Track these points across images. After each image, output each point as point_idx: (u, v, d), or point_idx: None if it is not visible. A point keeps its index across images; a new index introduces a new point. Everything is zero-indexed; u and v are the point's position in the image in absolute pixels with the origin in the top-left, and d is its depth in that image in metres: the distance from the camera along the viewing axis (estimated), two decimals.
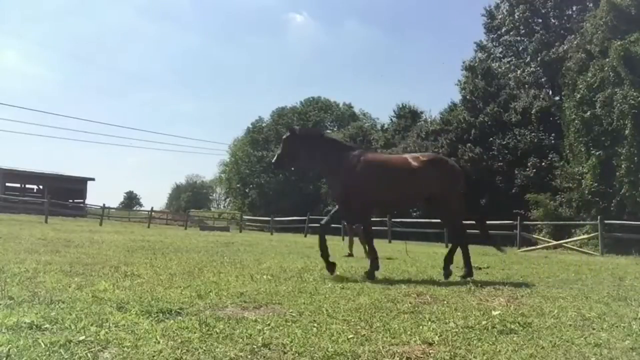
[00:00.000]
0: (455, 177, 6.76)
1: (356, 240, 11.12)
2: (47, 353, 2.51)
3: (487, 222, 7.47)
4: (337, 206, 6.93)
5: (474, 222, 8.07)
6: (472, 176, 7.27)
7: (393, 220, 23.23)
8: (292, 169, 7.04)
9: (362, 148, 7.18)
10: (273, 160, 7.34)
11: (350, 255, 10.66)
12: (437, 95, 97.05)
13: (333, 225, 7.52)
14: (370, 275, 6.18)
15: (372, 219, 7.36)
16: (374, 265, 6.41)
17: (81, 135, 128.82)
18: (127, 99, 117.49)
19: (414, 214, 28.45)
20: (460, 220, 6.99)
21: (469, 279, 6.33)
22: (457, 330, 3.36)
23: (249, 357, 2.64)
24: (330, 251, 6.63)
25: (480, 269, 8.00)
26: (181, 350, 2.66)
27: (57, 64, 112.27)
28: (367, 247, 10.70)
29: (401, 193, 6.73)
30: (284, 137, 7.17)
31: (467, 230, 7.22)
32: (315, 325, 3.34)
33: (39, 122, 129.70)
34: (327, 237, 6.68)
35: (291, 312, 3.76)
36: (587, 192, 21.04)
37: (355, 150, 6.89)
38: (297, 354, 2.71)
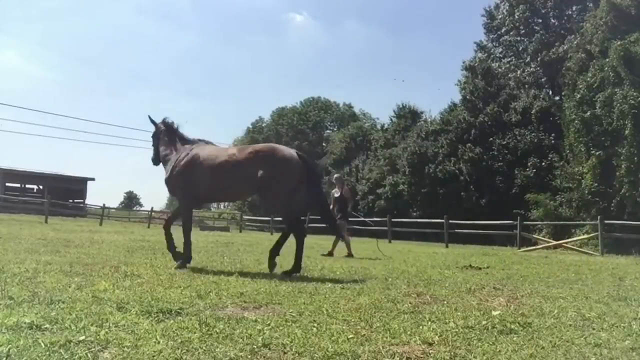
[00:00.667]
0: (282, 167, 6.32)
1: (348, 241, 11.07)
2: (47, 353, 2.51)
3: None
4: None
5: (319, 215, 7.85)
6: (312, 167, 6.91)
7: (393, 220, 23.22)
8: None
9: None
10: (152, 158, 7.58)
11: (350, 255, 10.64)
12: (437, 95, 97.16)
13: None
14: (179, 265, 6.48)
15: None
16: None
17: (81, 135, 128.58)
18: (127, 99, 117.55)
19: (414, 214, 28.46)
20: (288, 211, 6.64)
21: (294, 274, 6.19)
22: (457, 330, 3.35)
23: (249, 357, 2.64)
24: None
25: (480, 269, 7.99)
26: (181, 350, 2.66)
27: (57, 63, 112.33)
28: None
29: (222, 184, 6.61)
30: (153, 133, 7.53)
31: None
32: (315, 325, 3.34)
33: (39, 122, 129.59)
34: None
35: (291, 312, 3.76)
36: (587, 192, 21.04)
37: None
38: (297, 354, 2.71)
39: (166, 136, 7.31)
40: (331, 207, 11.52)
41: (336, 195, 11.68)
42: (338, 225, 11.00)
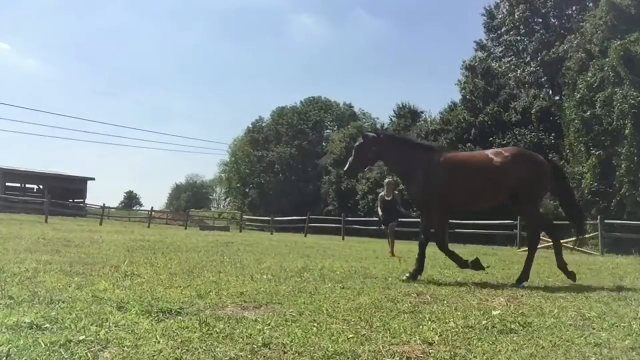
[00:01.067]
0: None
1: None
2: (47, 353, 2.51)
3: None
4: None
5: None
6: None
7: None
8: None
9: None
10: (345, 169, 7.13)
11: (393, 255, 10.77)
12: (437, 95, 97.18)
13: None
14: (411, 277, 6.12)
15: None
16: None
17: (81, 134, 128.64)
18: (127, 99, 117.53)
19: (414, 213, 28.44)
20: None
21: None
22: (457, 329, 3.35)
23: (249, 356, 2.64)
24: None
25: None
26: (181, 350, 2.66)
27: (57, 63, 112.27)
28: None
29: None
30: (356, 144, 6.95)
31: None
32: (315, 324, 3.34)
33: (39, 121, 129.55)
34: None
35: (291, 311, 3.76)
36: (587, 191, 21.04)
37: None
38: (297, 354, 2.71)
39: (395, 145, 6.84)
40: (380, 209, 11.79)
41: (387, 198, 11.85)
42: (390, 226, 11.66)
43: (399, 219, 12.48)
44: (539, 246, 7.04)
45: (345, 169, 7.14)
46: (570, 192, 7.59)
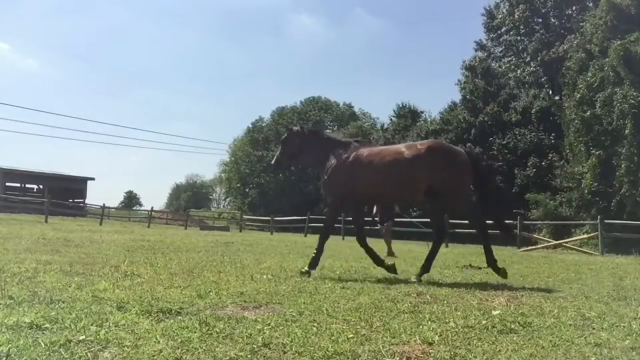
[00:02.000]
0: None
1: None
2: (47, 353, 2.51)
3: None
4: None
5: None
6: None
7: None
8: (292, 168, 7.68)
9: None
10: (272, 162, 7.39)
11: (391, 255, 10.89)
12: (436, 95, 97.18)
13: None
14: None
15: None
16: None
17: (81, 134, 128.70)
18: (127, 99, 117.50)
19: (414, 213, 28.44)
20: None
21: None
22: (457, 329, 3.35)
23: (249, 356, 2.64)
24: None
25: (480, 268, 7.99)
26: (181, 350, 2.66)
27: (57, 63, 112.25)
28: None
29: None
30: (283, 137, 7.25)
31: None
32: (315, 324, 3.34)
33: (39, 121, 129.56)
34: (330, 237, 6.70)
35: (291, 311, 3.76)
36: (586, 191, 21.03)
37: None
38: (297, 354, 2.71)
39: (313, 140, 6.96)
40: (375, 209, 11.80)
41: None
42: (386, 225, 11.99)
43: (395, 219, 12.53)
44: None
45: (272, 161, 7.41)
46: (493, 189, 7.31)
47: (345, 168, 6.37)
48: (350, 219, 8.26)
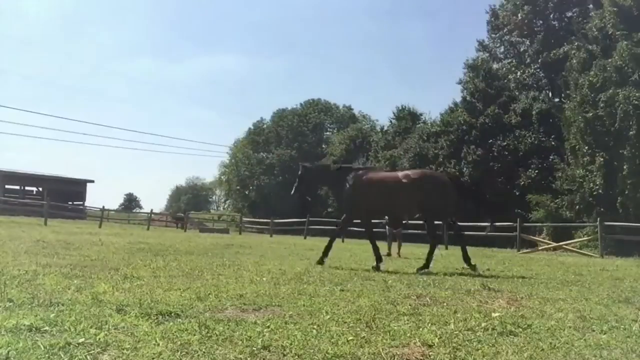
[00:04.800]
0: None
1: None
2: (47, 355, 2.50)
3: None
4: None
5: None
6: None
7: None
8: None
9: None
10: (292, 192, 9.15)
11: (389, 254, 11.67)
12: (436, 95, 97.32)
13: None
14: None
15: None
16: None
17: (81, 137, 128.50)
18: (127, 102, 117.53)
19: (415, 215, 28.35)
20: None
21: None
22: (457, 332, 3.35)
23: (249, 359, 2.64)
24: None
25: (477, 269, 7.99)
26: (181, 353, 2.65)
27: (57, 65, 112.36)
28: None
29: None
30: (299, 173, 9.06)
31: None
32: (315, 327, 3.34)
33: (38, 124, 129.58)
34: (328, 239, 7.58)
35: (291, 314, 3.76)
36: (588, 194, 21.01)
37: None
38: (296, 356, 2.71)
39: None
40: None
41: None
42: (397, 231, 13.30)
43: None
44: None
45: (292, 192, 9.21)
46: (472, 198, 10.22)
47: (354, 190, 8.16)
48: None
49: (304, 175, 8.98)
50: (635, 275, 8.01)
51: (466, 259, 7.91)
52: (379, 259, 8.05)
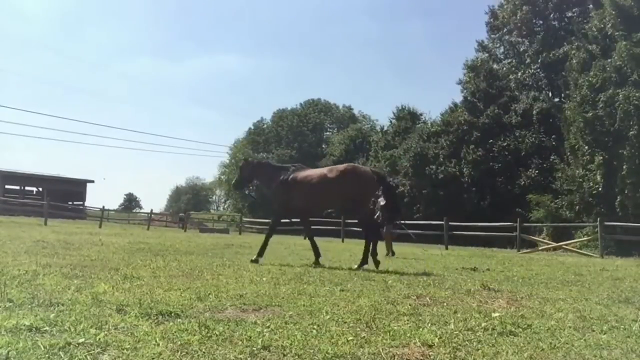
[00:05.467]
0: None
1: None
2: (47, 355, 2.50)
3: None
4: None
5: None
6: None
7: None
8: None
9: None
10: (232, 183, 9.51)
11: (391, 254, 11.86)
12: (436, 96, 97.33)
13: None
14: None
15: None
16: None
17: (81, 137, 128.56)
18: (128, 102, 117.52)
19: (415, 215, 28.47)
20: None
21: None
22: (457, 332, 3.35)
23: (249, 359, 2.64)
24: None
25: (475, 269, 7.99)
26: (180, 353, 2.65)
27: (58, 65, 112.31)
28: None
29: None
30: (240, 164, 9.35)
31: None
32: (315, 327, 3.33)
33: (38, 124, 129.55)
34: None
35: (291, 314, 3.75)
36: (587, 194, 21.01)
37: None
38: (296, 356, 2.70)
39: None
40: (377, 215, 12.03)
41: (382, 203, 11.99)
42: (387, 228, 13.12)
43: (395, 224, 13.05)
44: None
45: (232, 182, 9.71)
46: (396, 198, 10.10)
47: (284, 186, 8.31)
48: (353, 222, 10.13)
49: (243, 169, 9.41)
50: (635, 275, 8.01)
51: (374, 254, 8.18)
52: (318, 255, 8.32)
